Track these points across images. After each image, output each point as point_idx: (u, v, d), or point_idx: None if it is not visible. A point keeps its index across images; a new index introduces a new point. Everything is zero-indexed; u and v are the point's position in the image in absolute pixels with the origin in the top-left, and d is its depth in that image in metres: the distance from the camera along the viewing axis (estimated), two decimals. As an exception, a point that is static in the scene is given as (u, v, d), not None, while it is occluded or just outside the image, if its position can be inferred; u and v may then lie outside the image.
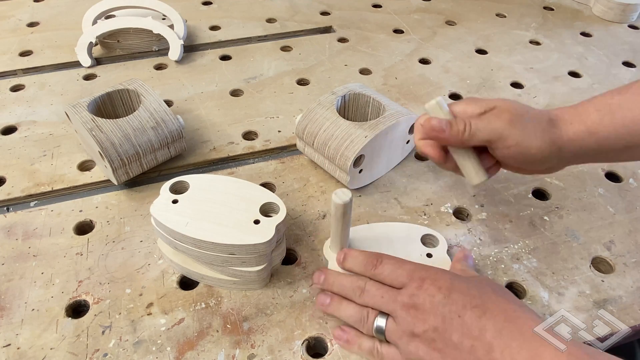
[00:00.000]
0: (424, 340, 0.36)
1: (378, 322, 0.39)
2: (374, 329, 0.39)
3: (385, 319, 0.39)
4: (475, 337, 0.35)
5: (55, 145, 0.61)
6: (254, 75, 0.74)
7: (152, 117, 0.55)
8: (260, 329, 0.43)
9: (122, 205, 0.54)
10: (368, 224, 0.51)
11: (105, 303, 0.45)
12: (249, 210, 0.44)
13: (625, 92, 0.42)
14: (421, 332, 0.36)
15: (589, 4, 0.93)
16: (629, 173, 0.59)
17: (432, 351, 0.36)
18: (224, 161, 0.60)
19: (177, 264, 0.46)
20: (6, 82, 0.72)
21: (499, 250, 0.50)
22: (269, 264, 0.45)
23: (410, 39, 0.83)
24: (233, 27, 0.85)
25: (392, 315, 0.38)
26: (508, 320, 0.35)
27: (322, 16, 0.89)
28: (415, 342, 0.37)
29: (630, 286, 0.47)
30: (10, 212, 0.53)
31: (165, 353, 0.41)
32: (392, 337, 0.38)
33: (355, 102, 0.58)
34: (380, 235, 0.49)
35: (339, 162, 0.53)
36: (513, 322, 0.35)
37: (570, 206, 0.55)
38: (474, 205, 0.55)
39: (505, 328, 0.34)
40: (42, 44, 0.80)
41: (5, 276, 0.47)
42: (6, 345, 0.42)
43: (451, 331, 0.35)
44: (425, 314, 0.36)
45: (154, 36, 0.77)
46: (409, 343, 0.37)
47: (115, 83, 0.60)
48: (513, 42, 0.83)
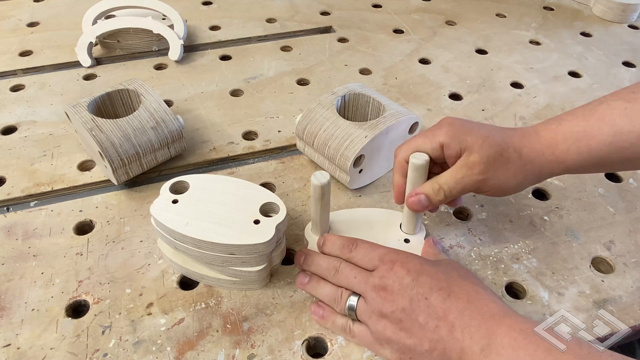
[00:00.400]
0: (392, 320, 0.38)
1: (350, 301, 0.41)
2: (346, 308, 0.41)
3: (357, 298, 0.41)
4: (439, 317, 0.37)
5: (55, 145, 0.61)
6: (254, 75, 0.74)
7: (152, 117, 0.55)
8: (260, 329, 0.43)
9: (122, 205, 0.54)
10: (350, 209, 0.52)
11: (105, 303, 0.45)
12: (249, 210, 0.44)
13: (589, 117, 0.43)
14: (389, 312, 0.38)
15: (589, 4, 0.93)
16: (629, 173, 0.59)
17: (399, 331, 0.38)
18: (224, 161, 0.60)
19: (177, 264, 0.46)
20: (6, 82, 0.72)
21: (499, 250, 0.50)
22: (269, 264, 0.45)
23: (410, 39, 0.83)
24: (233, 27, 0.85)
25: (363, 296, 0.40)
26: (470, 302, 0.37)
27: (322, 16, 0.89)
28: (384, 322, 0.38)
29: (630, 286, 0.47)
30: (10, 212, 0.53)
31: (165, 353, 0.41)
32: (363, 316, 0.40)
33: (355, 102, 0.58)
34: (361, 220, 0.50)
35: (339, 162, 0.53)
36: (474, 303, 0.37)
37: (570, 206, 0.55)
38: (474, 205, 0.55)
39: (467, 309, 0.36)
40: (42, 44, 0.80)
41: (5, 276, 0.47)
42: (6, 345, 0.42)
43: (418, 312, 0.37)
44: (393, 295, 0.38)
45: (154, 36, 0.77)
46: (377, 322, 0.39)
47: (115, 83, 0.60)
48: (513, 42, 0.83)
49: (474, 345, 0.35)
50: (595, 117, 0.43)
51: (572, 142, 0.43)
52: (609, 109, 0.43)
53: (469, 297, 0.37)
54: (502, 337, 0.34)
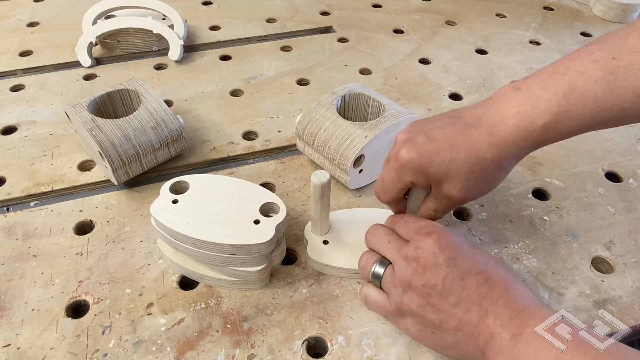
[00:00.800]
0: (419, 293, 0.37)
1: (376, 268, 0.40)
2: (371, 274, 0.40)
3: (384, 267, 0.40)
4: (473, 301, 0.36)
5: (55, 145, 0.61)
6: (254, 75, 0.74)
7: (152, 117, 0.55)
8: (260, 329, 0.43)
9: (122, 205, 0.54)
10: (350, 209, 0.52)
11: (105, 303, 0.45)
12: (249, 210, 0.44)
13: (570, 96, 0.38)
14: (419, 285, 0.37)
15: (589, 4, 0.93)
16: (629, 173, 0.59)
17: (427, 305, 0.37)
18: (224, 161, 0.60)
19: (177, 264, 0.46)
20: (6, 82, 0.72)
21: (499, 250, 0.50)
22: (269, 264, 0.45)
23: (410, 39, 0.83)
24: (233, 27, 0.85)
25: (393, 263, 0.39)
26: (506, 290, 0.36)
27: (322, 16, 0.89)
28: (410, 293, 0.38)
29: (630, 286, 0.47)
30: (10, 212, 0.53)
31: (165, 353, 0.41)
32: (388, 284, 0.39)
33: (355, 102, 0.58)
34: (361, 220, 0.50)
35: (339, 162, 0.53)
36: (510, 292, 0.36)
37: (570, 206, 0.55)
38: (474, 205, 0.55)
39: (502, 297, 0.36)
40: (42, 44, 0.80)
41: (5, 276, 0.47)
42: (6, 345, 0.42)
43: (450, 292, 0.36)
44: (426, 269, 0.37)
45: (154, 36, 0.77)
46: (404, 293, 0.38)
47: (115, 83, 0.60)
48: (513, 42, 0.83)
49: (504, 332, 0.34)
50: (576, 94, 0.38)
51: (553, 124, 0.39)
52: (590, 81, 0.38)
53: (506, 285, 0.36)
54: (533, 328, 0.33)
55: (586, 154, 0.62)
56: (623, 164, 0.60)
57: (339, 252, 0.47)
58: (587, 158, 0.61)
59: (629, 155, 0.62)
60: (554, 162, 0.61)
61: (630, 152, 0.62)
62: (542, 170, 0.59)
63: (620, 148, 0.63)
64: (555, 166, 0.60)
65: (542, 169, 0.60)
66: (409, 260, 0.38)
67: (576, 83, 0.38)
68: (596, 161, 0.61)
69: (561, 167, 0.60)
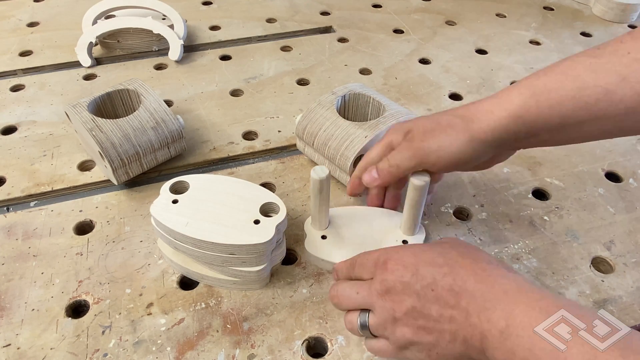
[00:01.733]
0: (407, 322, 0.37)
1: (360, 319, 0.39)
2: (360, 329, 0.39)
3: (366, 315, 0.39)
4: (452, 306, 0.35)
5: (55, 145, 0.61)
6: (254, 75, 0.74)
7: (152, 117, 0.55)
8: (260, 329, 0.43)
9: (122, 205, 0.54)
10: (351, 207, 0.53)
11: (105, 303, 0.45)
12: (249, 210, 0.44)
13: (550, 72, 0.41)
14: (402, 315, 0.37)
15: (589, 4, 0.93)
16: (629, 173, 0.59)
17: (418, 330, 0.36)
18: (224, 161, 0.60)
19: (177, 264, 0.46)
20: (6, 82, 0.72)
21: (499, 250, 0.50)
22: (269, 264, 0.45)
23: (410, 39, 0.83)
24: (233, 27, 0.85)
25: (372, 308, 0.39)
26: (478, 281, 0.35)
27: (322, 16, 0.89)
28: (400, 327, 0.37)
29: (630, 286, 0.47)
30: (10, 212, 0.53)
31: (165, 353, 0.41)
32: (378, 329, 0.39)
33: (355, 102, 0.58)
34: (361, 218, 0.50)
35: (339, 162, 0.53)
36: (484, 282, 0.35)
37: (570, 206, 0.55)
38: (474, 205, 0.55)
39: (477, 290, 0.35)
40: (42, 44, 0.80)
41: (5, 276, 0.47)
42: (6, 345, 0.42)
43: (429, 306, 0.36)
44: (399, 295, 0.37)
45: (154, 36, 0.77)
46: (394, 330, 0.37)
47: (115, 83, 0.60)
48: (513, 42, 0.83)
49: (493, 328, 0.33)
50: (557, 71, 0.40)
51: (530, 96, 0.40)
52: (572, 63, 0.40)
53: (476, 276, 0.36)
54: (521, 317, 0.32)
55: (586, 154, 0.62)
56: (623, 164, 0.61)
57: (335, 248, 0.48)
58: (587, 158, 0.61)
59: (629, 155, 0.62)
60: (554, 162, 0.61)
61: (630, 152, 0.62)
62: (542, 170, 0.59)
63: (620, 148, 0.63)
64: (555, 166, 0.60)
65: (542, 169, 0.60)
66: (383, 295, 0.37)
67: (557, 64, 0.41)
68: (596, 161, 0.61)
69: (561, 167, 0.60)
